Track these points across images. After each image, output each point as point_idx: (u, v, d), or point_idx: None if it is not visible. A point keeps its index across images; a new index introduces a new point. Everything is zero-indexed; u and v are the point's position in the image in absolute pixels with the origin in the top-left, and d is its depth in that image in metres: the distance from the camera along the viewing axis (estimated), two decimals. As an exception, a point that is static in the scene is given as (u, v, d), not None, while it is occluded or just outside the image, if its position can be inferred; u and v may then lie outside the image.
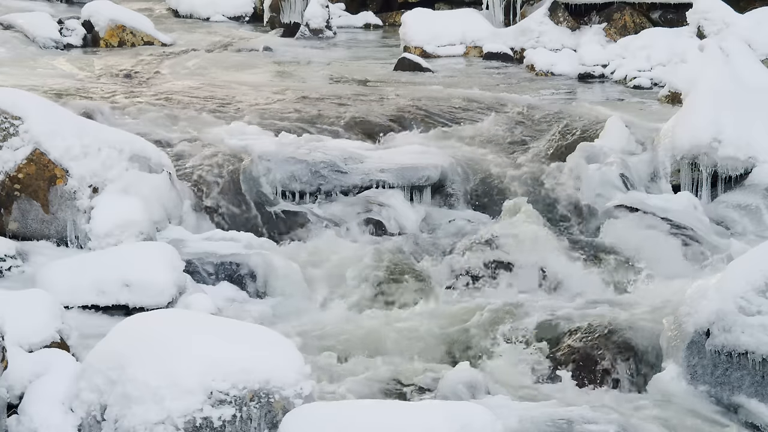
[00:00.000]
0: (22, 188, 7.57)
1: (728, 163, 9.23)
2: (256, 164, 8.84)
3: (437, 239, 8.43)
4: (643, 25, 15.08)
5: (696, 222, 8.68)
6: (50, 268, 6.85)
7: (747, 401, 6.01)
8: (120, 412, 4.71)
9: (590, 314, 7.03)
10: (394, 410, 4.65)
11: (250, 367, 4.75)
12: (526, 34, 15.04)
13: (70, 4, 19.51)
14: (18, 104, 7.73)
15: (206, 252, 7.60)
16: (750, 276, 6.10)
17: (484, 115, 10.92)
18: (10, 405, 4.98)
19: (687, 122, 9.45)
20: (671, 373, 6.26)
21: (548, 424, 5.52)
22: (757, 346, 5.94)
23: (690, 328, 6.20)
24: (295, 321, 7.04)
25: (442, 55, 15.14)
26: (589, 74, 13.69)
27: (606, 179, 9.15)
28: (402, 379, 6.27)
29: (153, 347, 4.77)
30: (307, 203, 8.78)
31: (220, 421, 4.66)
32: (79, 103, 10.16)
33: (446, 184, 9.17)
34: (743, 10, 14.09)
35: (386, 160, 9.13)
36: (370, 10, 18.85)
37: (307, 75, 13.55)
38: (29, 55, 14.37)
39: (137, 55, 14.64)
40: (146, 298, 6.65)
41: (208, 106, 10.86)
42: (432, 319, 7.10)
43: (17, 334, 5.23)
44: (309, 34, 17.02)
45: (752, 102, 9.46)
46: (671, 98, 11.88)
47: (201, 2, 19.37)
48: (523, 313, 7.10)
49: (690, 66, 11.53)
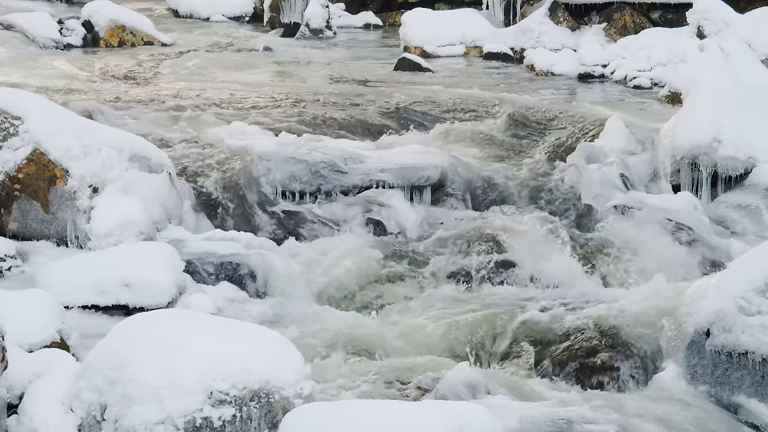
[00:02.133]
0: (22, 188, 7.57)
1: (728, 163, 9.23)
2: (256, 164, 8.84)
3: (437, 239, 8.43)
4: (643, 25, 15.08)
5: (696, 222, 8.68)
6: (50, 268, 6.85)
7: (747, 401, 6.01)
8: (120, 412, 4.71)
9: (590, 314, 7.03)
10: (394, 410, 4.65)
11: (250, 367, 4.75)
12: (526, 34, 15.05)
13: (70, 4, 19.52)
14: (18, 104, 7.73)
15: (206, 252, 7.60)
16: (750, 276, 6.10)
17: (484, 115, 10.92)
18: (10, 405, 4.98)
19: (687, 122, 9.46)
20: (671, 373, 6.27)
21: (548, 424, 5.52)
22: (757, 346, 5.94)
23: (690, 328, 6.20)
24: (295, 321, 7.04)
25: (442, 55, 15.15)
26: (589, 74, 13.69)
27: (606, 179, 9.15)
28: (402, 379, 6.27)
29: (153, 347, 4.77)
30: (307, 203, 8.78)
31: (220, 421, 4.66)
32: (79, 103, 10.16)
33: (446, 184, 9.17)
34: (743, 10, 14.09)
35: (386, 160, 9.13)
36: (370, 10, 18.85)
37: (307, 75, 13.55)
38: (29, 55, 14.37)
39: (137, 55, 14.64)
40: (146, 298, 6.65)
41: (208, 106, 10.86)
42: (432, 319, 7.10)
43: (17, 334, 5.23)
44: (309, 34, 17.03)
45: (752, 102, 9.47)
46: (671, 98, 11.88)
47: (201, 2, 19.38)
48: (524, 313, 7.10)
49: (690, 66, 11.53)
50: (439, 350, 6.78)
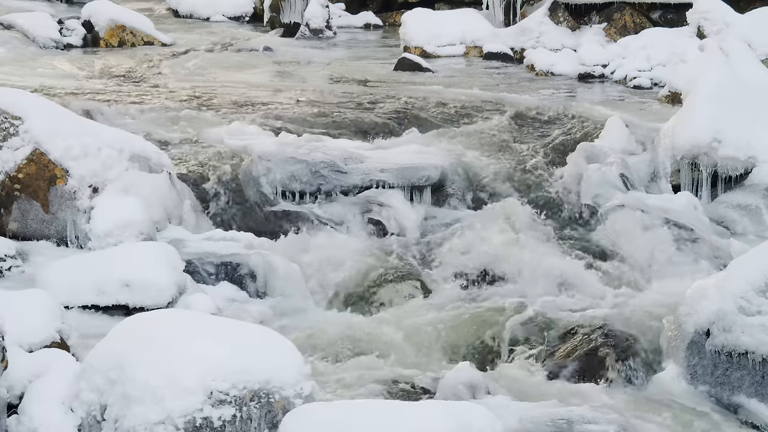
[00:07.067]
0: (22, 188, 7.57)
1: (728, 163, 9.23)
2: (256, 164, 8.84)
3: (437, 239, 8.43)
4: (643, 25, 15.07)
5: (696, 222, 8.68)
6: (50, 268, 6.85)
7: (747, 401, 6.02)
8: (120, 412, 4.71)
9: (590, 314, 7.03)
10: (394, 410, 4.65)
11: (250, 367, 4.75)
12: (526, 34, 15.04)
13: (70, 4, 19.50)
14: (18, 104, 7.73)
15: (206, 252, 7.60)
16: (750, 276, 6.11)
17: (484, 115, 10.92)
18: (10, 405, 4.98)
19: (687, 122, 9.45)
20: (671, 373, 6.27)
21: (548, 424, 5.53)
22: (757, 346, 5.94)
23: (690, 328, 6.20)
24: (295, 321, 7.04)
25: (442, 55, 15.14)
26: (589, 74, 13.69)
27: (606, 179, 9.15)
28: (402, 379, 6.27)
29: (153, 347, 4.77)
30: (307, 203, 8.77)
31: (220, 421, 4.66)
32: (79, 103, 10.15)
33: (446, 184, 9.17)
34: (743, 10, 14.08)
35: (386, 160, 9.12)
36: (370, 10, 18.84)
37: (307, 75, 13.54)
38: (29, 55, 14.36)
39: (137, 55, 14.63)
40: (146, 298, 6.65)
41: (208, 106, 10.85)
42: (432, 319, 7.11)
43: (17, 334, 5.23)
44: (309, 34, 17.02)
45: (752, 102, 9.47)
46: (671, 98, 11.87)
47: (201, 2, 19.37)
48: (523, 313, 7.11)
49: (690, 66, 11.52)
50: (439, 350, 6.78)
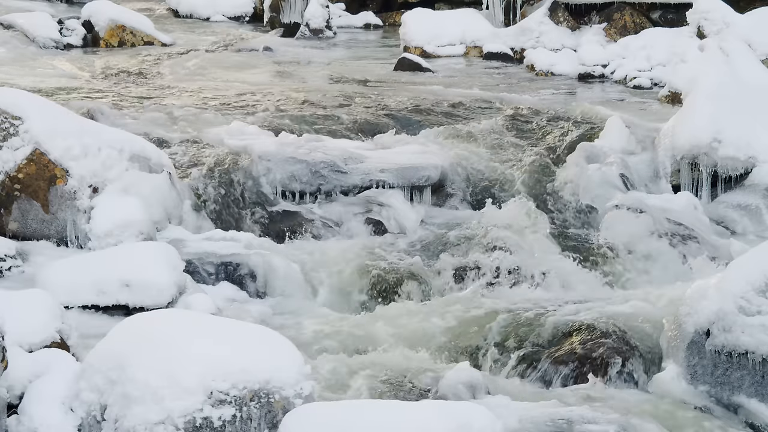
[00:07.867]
0: (22, 188, 7.57)
1: (728, 163, 9.23)
2: (256, 164, 8.84)
3: (437, 239, 8.43)
4: (643, 25, 15.08)
5: (696, 222, 8.68)
6: (50, 268, 6.85)
7: (747, 401, 6.01)
8: (120, 412, 4.71)
9: (590, 314, 7.02)
10: (394, 410, 4.65)
11: (250, 367, 4.75)
12: (526, 34, 15.05)
13: (70, 4, 19.50)
14: (18, 104, 7.73)
15: (206, 252, 7.60)
16: (750, 276, 6.10)
17: (484, 115, 10.92)
18: (10, 405, 4.98)
19: (687, 122, 9.46)
20: (671, 373, 6.27)
21: (548, 424, 5.53)
22: (757, 346, 5.94)
23: (690, 328, 6.20)
24: (295, 321, 7.04)
25: (442, 55, 15.15)
26: (589, 74, 13.70)
27: (606, 179, 9.15)
28: (402, 379, 6.26)
29: (153, 347, 4.77)
30: (307, 203, 8.78)
31: (220, 421, 4.66)
32: (79, 103, 10.15)
33: (446, 184, 9.17)
34: (743, 10, 14.09)
35: (386, 160, 9.13)
36: (370, 10, 18.85)
37: (307, 75, 13.55)
38: (29, 55, 14.37)
39: (137, 55, 14.64)
40: (146, 298, 6.65)
41: (208, 106, 10.86)
42: (432, 319, 7.10)
43: (17, 334, 5.23)
44: (309, 34, 17.03)
45: (752, 102, 9.47)
46: (671, 98, 11.88)
47: (201, 2, 19.37)
48: (523, 313, 7.10)
49: (690, 66, 11.52)
50: (439, 350, 6.78)
